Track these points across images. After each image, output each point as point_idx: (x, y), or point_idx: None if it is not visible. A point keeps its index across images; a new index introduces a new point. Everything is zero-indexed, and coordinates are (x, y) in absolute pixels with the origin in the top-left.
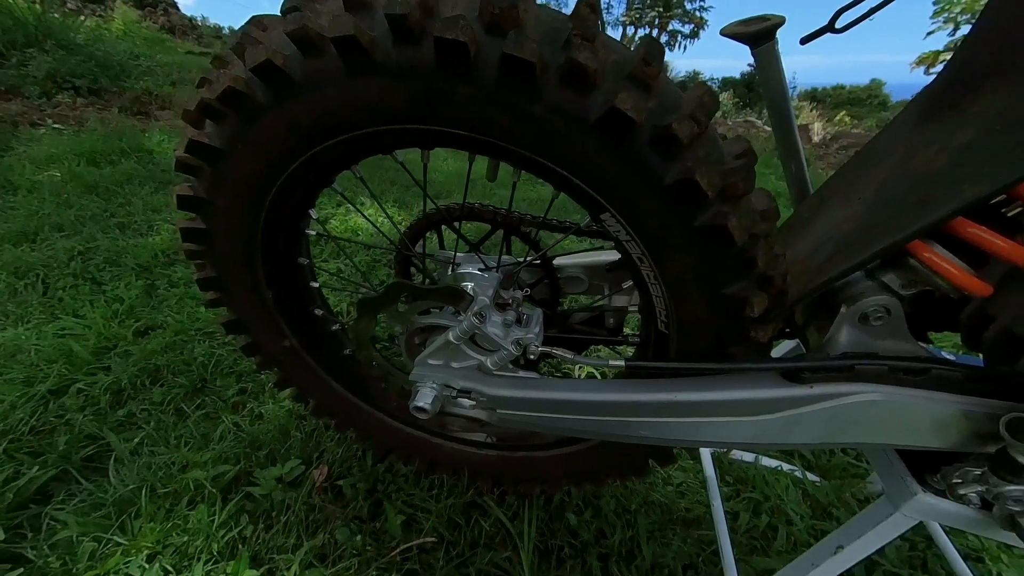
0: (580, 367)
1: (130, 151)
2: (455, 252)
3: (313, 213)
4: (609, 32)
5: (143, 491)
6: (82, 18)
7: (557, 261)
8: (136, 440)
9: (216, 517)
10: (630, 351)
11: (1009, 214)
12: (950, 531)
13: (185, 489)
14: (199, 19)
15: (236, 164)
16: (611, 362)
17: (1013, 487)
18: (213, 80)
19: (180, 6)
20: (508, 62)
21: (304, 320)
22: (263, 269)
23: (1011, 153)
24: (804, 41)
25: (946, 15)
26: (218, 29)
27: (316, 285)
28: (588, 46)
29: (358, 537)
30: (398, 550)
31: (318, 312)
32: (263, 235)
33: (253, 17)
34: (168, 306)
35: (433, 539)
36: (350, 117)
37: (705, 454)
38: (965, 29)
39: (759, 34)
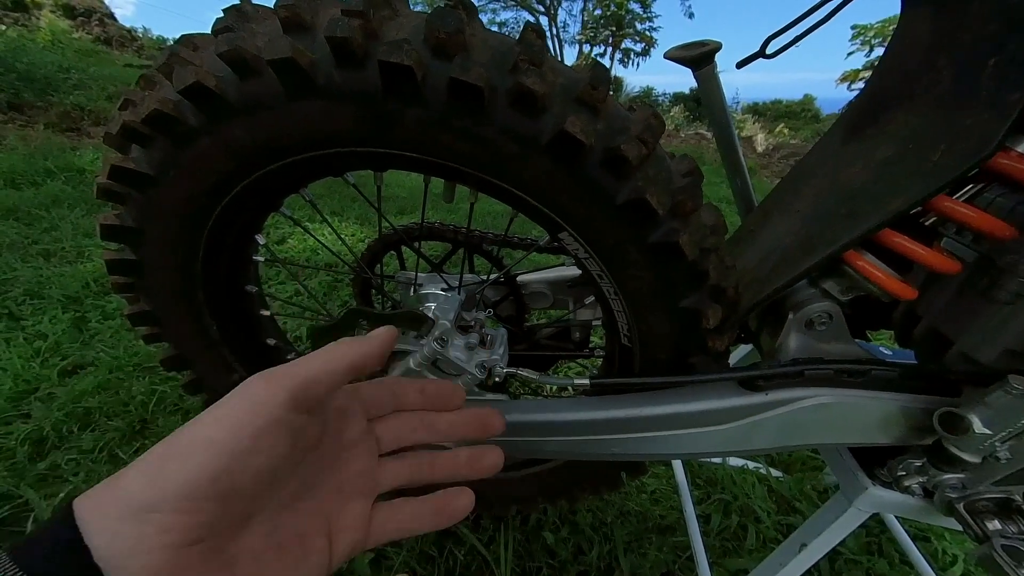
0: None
1: (58, 171)
2: (416, 273)
3: (260, 239)
4: (566, 50)
5: None
6: (1, 27)
7: (521, 278)
8: (61, 495)
9: None
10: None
11: (926, 223)
12: (900, 516)
13: None
14: (139, 30)
15: (169, 191)
16: (576, 380)
17: (949, 476)
18: (138, 102)
19: (118, 17)
20: (456, 86)
21: (255, 351)
22: (205, 300)
23: (922, 170)
24: (739, 65)
25: (862, 38)
26: (161, 41)
27: (268, 313)
28: (535, 70)
29: None
30: None
31: (271, 342)
32: (203, 264)
33: (183, 36)
34: (101, 341)
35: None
36: (294, 140)
37: (676, 460)
38: (880, 51)
39: (699, 58)
